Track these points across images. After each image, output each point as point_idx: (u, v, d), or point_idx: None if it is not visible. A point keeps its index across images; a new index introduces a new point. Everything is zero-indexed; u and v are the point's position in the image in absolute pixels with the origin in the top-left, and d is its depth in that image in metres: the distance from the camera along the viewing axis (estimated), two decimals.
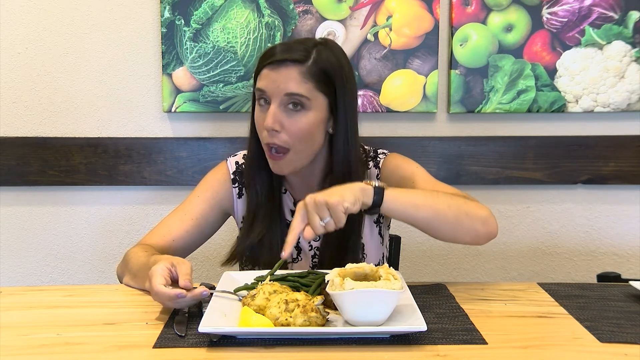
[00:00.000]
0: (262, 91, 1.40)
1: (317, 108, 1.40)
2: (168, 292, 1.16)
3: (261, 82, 1.41)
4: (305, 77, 1.38)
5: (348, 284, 1.08)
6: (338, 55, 1.44)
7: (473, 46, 2.08)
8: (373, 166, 1.53)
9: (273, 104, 1.39)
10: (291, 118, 1.39)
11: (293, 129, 1.39)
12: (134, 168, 2.13)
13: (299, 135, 1.39)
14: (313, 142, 1.43)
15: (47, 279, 2.20)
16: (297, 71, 1.38)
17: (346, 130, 1.44)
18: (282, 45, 1.44)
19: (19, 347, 1.06)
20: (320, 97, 1.40)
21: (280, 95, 1.38)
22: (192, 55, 2.07)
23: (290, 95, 1.38)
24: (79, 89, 2.12)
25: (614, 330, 1.13)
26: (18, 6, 2.09)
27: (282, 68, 1.38)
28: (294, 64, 1.38)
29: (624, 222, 2.19)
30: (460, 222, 1.30)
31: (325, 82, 1.40)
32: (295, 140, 1.40)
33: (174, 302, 1.17)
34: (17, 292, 1.37)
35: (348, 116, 1.44)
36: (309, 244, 1.52)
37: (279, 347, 1.04)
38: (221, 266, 1.51)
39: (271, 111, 1.38)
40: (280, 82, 1.38)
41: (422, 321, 1.06)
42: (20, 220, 2.18)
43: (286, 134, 1.39)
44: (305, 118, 1.39)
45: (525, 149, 2.13)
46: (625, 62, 2.09)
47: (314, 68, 1.38)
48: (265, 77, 1.40)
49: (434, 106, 2.11)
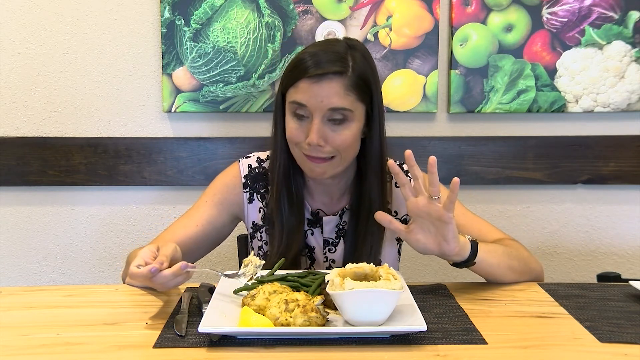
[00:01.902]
0: (302, 105, 1.36)
1: (358, 117, 1.39)
2: (140, 271, 1.14)
3: (301, 96, 1.35)
4: (347, 90, 1.35)
5: (348, 284, 1.08)
6: (368, 57, 1.42)
7: (473, 46, 2.08)
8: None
9: (316, 119, 1.35)
10: (335, 132, 1.36)
11: (337, 142, 1.37)
12: (134, 168, 2.13)
13: (343, 147, 1.38)
14: (355, 149, 1.42)
15: (47, 279, 2.20)
16: (340, 84, 1.34)
17: (380, 135, 1.43)
18: (314, 57, 1.36)
19: (19, 347, 1.06)
20: (360, 107, 1.39)
21: (323, 110, 1.34)
22: (192, 55, 2.07)
23: (335, 110, 1.34)
24: (79, 89, 2.12)
25: (614, 330, 1.13)
26: (18, 6, 2.09)
27: (325, 81, 1.34)
28: (335, 77, 1.34)
29: (624, 222, 2.19)
30: (522, 276, 1.39)
31: (364, 91, 1.38)
32: (340, 150, 1.38)
33: (153, 281, 1.15)
34: (17, 292, 1.37)
35: (381, 119, 1.44)
36: (324, 255, 1.51)
37: (279, 347, 1.04)
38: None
39: (315, 127, 1.35)
40: (323, 97, 1.33)
41: (422, 321, 1.06)
42: (20, 220, 2.18)
43: (330, 146, 1.37)
44: (348, 130, 1.37)
45: (525, 149, 2.13)
46: (625, 62, 2.09)
47: (354, 78, 1.35)
48: (304, 90, 1.35)
49: (434, 106, 2.11)
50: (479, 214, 1.97)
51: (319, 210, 1.51)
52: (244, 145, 2.10)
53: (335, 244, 1.50)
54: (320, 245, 1.51)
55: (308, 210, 1.50)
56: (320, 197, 1.51)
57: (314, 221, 1.50)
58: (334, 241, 1.50)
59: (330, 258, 1.51)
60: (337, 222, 1.50)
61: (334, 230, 1.50)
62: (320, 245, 1.51)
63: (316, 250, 1.50)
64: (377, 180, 1.45)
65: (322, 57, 1.36)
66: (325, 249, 1.51)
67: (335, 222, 1.50)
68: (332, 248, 1.51)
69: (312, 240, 1.50)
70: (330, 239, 1.51)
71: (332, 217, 1.50)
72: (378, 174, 1.45)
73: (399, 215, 1.52)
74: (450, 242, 1.23)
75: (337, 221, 1.50)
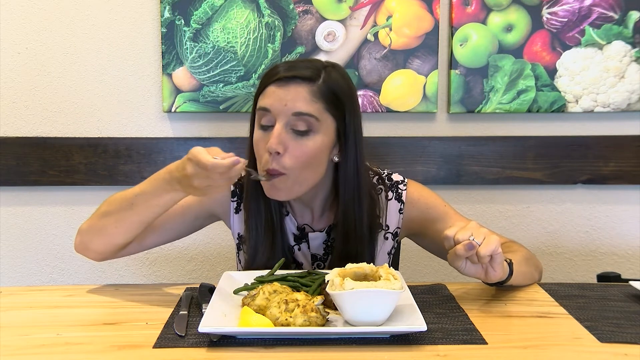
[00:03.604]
0: (267, 110, 1.30)
1: (325, 132, 1.31)
2: (224, 162, 1.14)
3: (265, 100, 1.30)
4: (315, 97, 1.29)
5: (348, 284, 1.08)
6: (347, 79, 1.37)
7: (473, 46, 2.08)
8: (394, 198, 1.45)
9: (278, 124, 1.29)
10: (297, 141, 1.29)
11: (297, 153, 1.29)
12: (134, 168, 2.13)
13: (302, 160, 1.29)
14: (315, 169, 1.33)
15: (47, 279, 2.20)
16: (307, 89, 1.29)
17: (356, 158, 1.35)
18: (288, 63, 1.34)
19: (19, 347, 1.06)
20: (329, 120, 1.32)
21: (287, 114, 1.28)
22: (192, 55, 2.07)
23: (299, 115, 1.28)
24: (79, 89, 2.12)
25: (614, 330, 1.13)
26: (18, 6, 2.09)
27: (291, 85, 1.29)
28: (303, 82, 1.29)
29: (624, 222, 2.19)
30: (534, 280, 1.40)
31: (334, 105, 1.31)
32: (296, 166, 1.30)
33: (230, 173, 1.16)
34: (17, 292, 1.37)
35: (357, 143, 1.35)
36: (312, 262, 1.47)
37: (279, 347, 1.04)
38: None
39: (276, 132, 1.28)
40: (287, 100, 1.28)
41: (422, 321, 1.06)
42: (20, 220, 2.18)
43: (289, 157, 1.29)
44: (311, 142, 1.30)
45: (525, 149, 2.13)
46: (625, 62, 2.09)
47: (324, 88, 1.30)
48: (270, 94, 1.30)
49: (434, 106, 2.11)
50: (479, 214, 1.98)
51: (305, 225, 1.46)
52: (244, 146, 2.08)
53: (324, 260, 1.46)
54: (308, 260, 1.46)
55: (295, 225, 1.46)
56: (302, 213, 1.46)
57: (300, 237, 1.46)
58: (322, 257, 1.46)
59: (316, 264, 1.47)
60: (324, 238, 1.45)
61: (322, 246, 1.46)
62: (308, 260, 1.46)
63: (304, 265, 1.46)
64: (356, 203, 1.37)
65: (296, 64, 1.34)
66: (314, 264, 1.46)
67: (322, 239, 1.45)
68: (320, 264, 1.46)
69: (299, 255, 1.46)
70: (318, 254, 1.46)
71: (318, 233, 1.45)
72: (355, 201, 1.37)
73: (390, 229, 1.47)
74: (497, 269, 1.20)
75: (324, 237, 1.45)
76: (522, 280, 1.34)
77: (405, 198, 1.46)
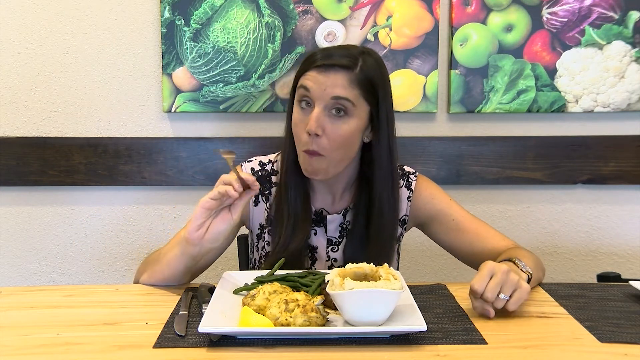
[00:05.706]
0: (307, 90, 1.39)
1: (359, 115, 1.40)
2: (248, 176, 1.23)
3: (307, 82, 1.39)
4: (352, 84, 1.38)
5: (348, 284, 1.08)
6: (381, 64, 1.45)
7: (473, 46, 2.08)
8: (404, 186, 1.54)
9: (317, 107, 1.38)
10: (334, 124, 1.38)
11: (334, 135, 1.38)
12: (134, 168, 2.13)
13: (338, 142, 1.39)
14: (350, 149, 1.43)
15: (47, 279, 2.20)
16: (345, 77, 1.38)
17: (389, 142, 1.45)
18: (327, 51, 1.43)
19: (19, 347, 1.06)
20: (364, 105, 1.41)
21: (326, 98, 1.37)
22: (192, 55, 2.07)
23: (337, 99, 1.37)
24: (79, 89, 2.12)
25: (614, 330, 1.13)
26: (18, 6, 2.09)
27: (331, 72, 1.38)
28: (342, 69, 1.38)
29: (624, 222, 2.19)
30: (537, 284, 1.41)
31: (369, 91, 1.40)
32: (333, 147, 1.39)
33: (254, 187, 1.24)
34: (17, 292, 1.37)
35: (390, 127, 1.45)
36: (327, 254, 1.52)
37: (279, 347, 1.04)
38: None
39: (315, 114, 1.37)
40: (327, 85, 1.37)
41: (422, 321, 1.06)
42: (20, 220, 2.18)
43: (326, 139, 1.38)
44: (347, 125, 1.39)
45: (525, 149, 2.13)
46: (625, 62, 2.09)
47: (361, 75, 1.38)
48: (311, 78, 1.39)
49: (434, 106, 2.11)
50: (479, 214, 1.97)
51: (322, 209, 1.52)
52: (244, 145, 2.11)
53: (339, 243, 1.51)
54: (323, 244, 1.51)
55: (311, 210, 1.51)
56: (323, 195, 1.52)
57: (318, 220, 1.51)
58: (337, 240, 1.52)
59: (333, 257, 1.51)
60: (340, 220, 1.52)
61: (338, 229, 1.52)
62: (323, 244, 1.51)
63: (319, 249, 1.51)
64: (388, 185, 1.46)
65: (334, 51, 1.42)
66: (329, 248, 1.52)
67: (339, 221, 1.51)
68: (335, 247, 1.52)
69: (314, 239, 1.51)
70: (334, 237, 1.52)
71: (335, 215, 1.51)
72: (388, 179, 1.46)
73: (399, 216, 1.53)
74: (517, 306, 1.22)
75: (340, 220, 1.51)
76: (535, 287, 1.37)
77: (414, 187, 1.54)
